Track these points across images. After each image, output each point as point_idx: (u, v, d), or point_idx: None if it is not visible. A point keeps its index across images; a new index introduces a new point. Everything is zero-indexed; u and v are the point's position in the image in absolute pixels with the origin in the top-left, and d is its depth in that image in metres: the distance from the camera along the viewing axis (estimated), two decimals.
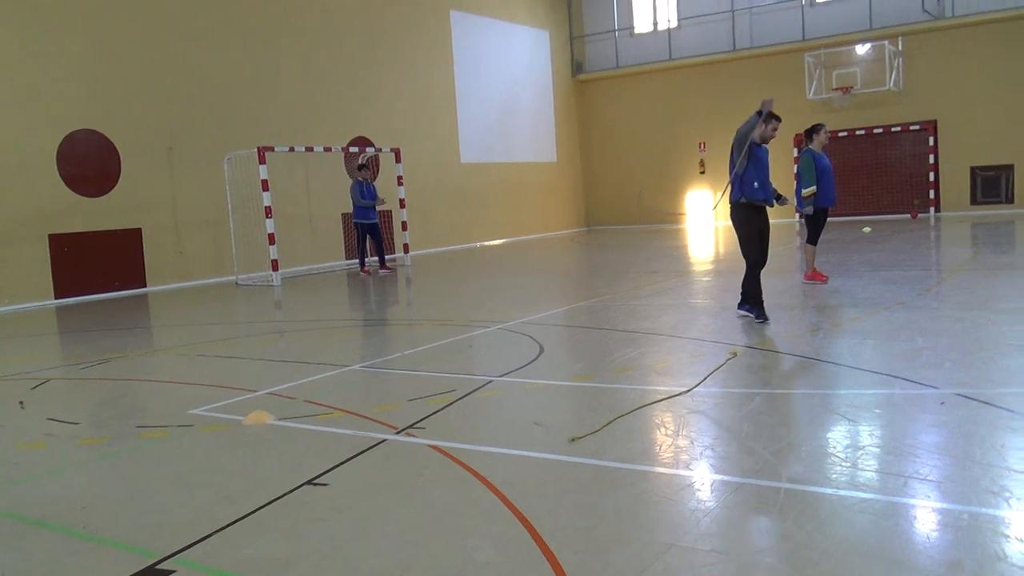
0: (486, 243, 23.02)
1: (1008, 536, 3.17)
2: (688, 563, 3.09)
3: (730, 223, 8.41)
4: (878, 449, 4.27)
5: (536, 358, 7.01)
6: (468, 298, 12.05)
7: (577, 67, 26.91)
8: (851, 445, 4.36)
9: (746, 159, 7.85)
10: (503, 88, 23.87)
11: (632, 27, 26.13)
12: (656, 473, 4.11)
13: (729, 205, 8.13)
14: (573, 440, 4.60)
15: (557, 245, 21.50)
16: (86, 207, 14.50)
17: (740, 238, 8.13)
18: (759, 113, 7.77)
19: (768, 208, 8.12)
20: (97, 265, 14.60)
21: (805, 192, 9.95)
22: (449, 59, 21.99)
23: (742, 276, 8.28)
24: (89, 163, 14.49)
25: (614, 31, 26.22)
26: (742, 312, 8.24)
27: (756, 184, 7.86)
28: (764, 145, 8.00)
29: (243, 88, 16.78)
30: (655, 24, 25.71)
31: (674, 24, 25.22)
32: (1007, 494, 3.53)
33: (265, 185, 14.73)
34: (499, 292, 12.50)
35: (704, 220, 24.96)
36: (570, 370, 6.69)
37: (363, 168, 15.92)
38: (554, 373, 6.53)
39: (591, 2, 26.69)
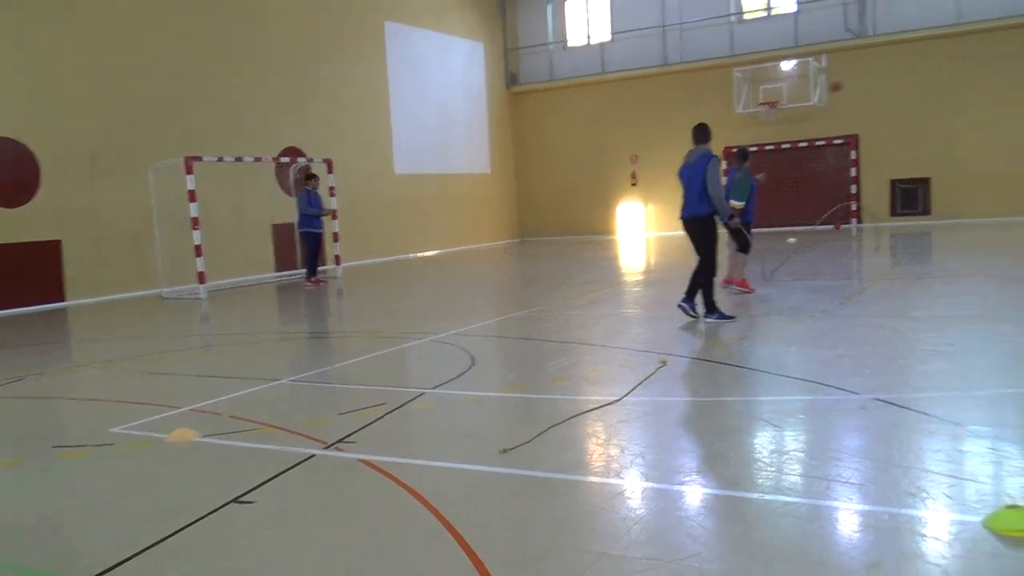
0: (420, 254, 22.92)
1: (925, 535, 3.28)
2: (619, 571, 3.11)
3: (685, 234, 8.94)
4: (802, 454, 4.38)
5: (468, 370, 6.99)
6: (400, 310, 11.96)
7: (511, 79, 27.06)
8: (776, 450, 4.45)
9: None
10: (438, 99, 23.84)
11: (566, 40, 26.40)
12: (587, 483, 4.13)
13: (697, 219, 8.63)
14: (505, 451, 4.60)
15: (491, 256, 21.53)
16: (1, 218, 13.93)
17: (712, 247, 8.76)
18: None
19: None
20: (12, 279, 14.02)
21: (735, 204, 10.33)
22: (383, 70, 21.87)
23: (701, 288, 8.71)
24: (5, 172, 13.94)
25: (548, 44, 26.47)
26: (711, 319, 8.58)
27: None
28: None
29: (170, 96, 16.37)
30: (589, 38, 26.03)
31: (607, 38, 25.57)
32: (924, 495, 3.66)
33: (192, 196, 14.38)
34: (432, 304, 12.44)
35: (636, 232, 25.32)
36: (502, 381, 6.69)
37: (311, 177, 15.72)
38: (486, 384, 6.52)
39: (526, 15, 26.89)
